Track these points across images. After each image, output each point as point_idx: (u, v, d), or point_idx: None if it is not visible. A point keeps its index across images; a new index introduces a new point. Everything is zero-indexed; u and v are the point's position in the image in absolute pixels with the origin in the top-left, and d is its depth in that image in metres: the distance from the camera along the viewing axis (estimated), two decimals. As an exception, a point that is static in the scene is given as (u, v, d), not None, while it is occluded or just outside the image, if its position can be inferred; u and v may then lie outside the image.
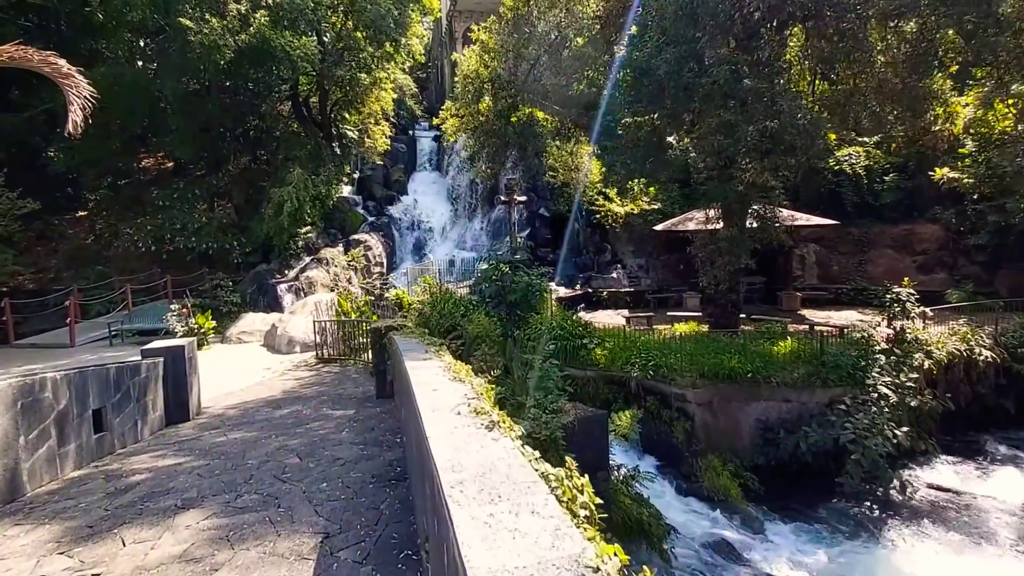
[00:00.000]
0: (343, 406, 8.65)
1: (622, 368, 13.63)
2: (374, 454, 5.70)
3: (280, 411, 8.63)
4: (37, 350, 15.84)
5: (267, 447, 6.38)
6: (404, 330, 8.12)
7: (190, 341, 8.67)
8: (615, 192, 22.66)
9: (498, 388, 8.56)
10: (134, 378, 7.47)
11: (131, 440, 7.32)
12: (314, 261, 21.14)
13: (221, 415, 8.67)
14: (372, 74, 22.42)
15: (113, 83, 19.19)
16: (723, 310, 15.83)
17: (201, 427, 7.98)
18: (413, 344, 5.66)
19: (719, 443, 12.63)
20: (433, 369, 3.43)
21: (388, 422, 7.20)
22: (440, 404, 2.53)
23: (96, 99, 19.20)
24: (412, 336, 6.63)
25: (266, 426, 7.64)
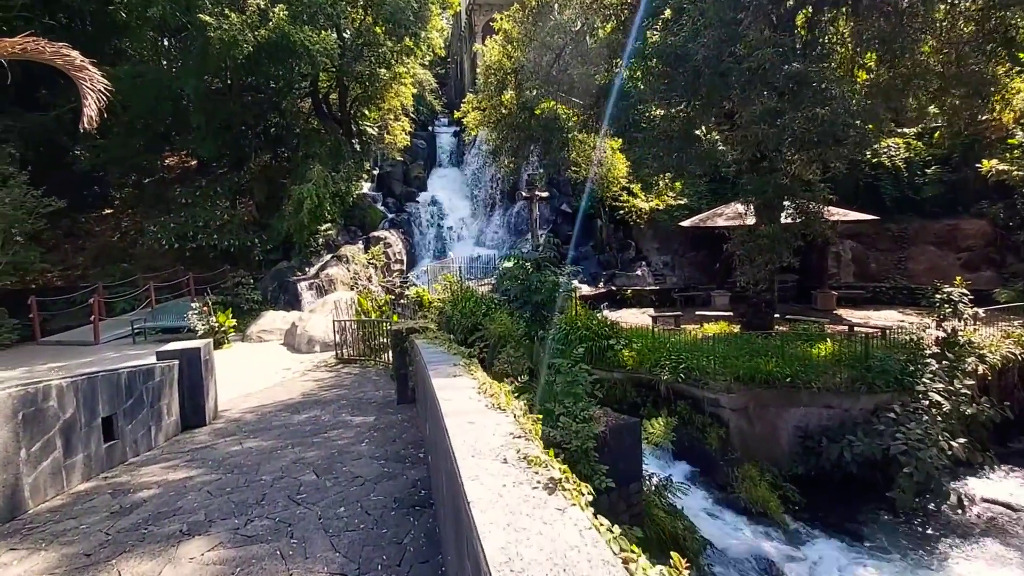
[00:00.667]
0: (363, 412, 8.20)
1: (651, 370, 12.97)
2: (396, 471, 5.19)
3: (298, 416, 8.21)
4: (62, 347, 15.81)
5: (283, 459, 5.94)
6: (426, 333, 7.62)
7: (206, 343, 8.30)
8: (639, 187, 21.90)
9: (526, 395, 8.03)
10: (147, 382, 7.11)
11: (144, 448, 6.96)
12: (334, 258, 20.84)
13: (238, 420, 8.29)
14: (392, 69, 21.99)
15: (136, 82, 19.10)
16: (756, 310, 15.04)
17: (217, 433, 7.60)
18: (438, 353, 5.14)
19: (755, 451, 11.91)
20: (465, 391, 2.93)
21: (410, 432, 6.70)
22: (480, 446, 2.00)
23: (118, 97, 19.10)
24: (436, 342, 6.13)
25: (283, 434, 7.21)
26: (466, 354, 5.32)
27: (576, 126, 13.99)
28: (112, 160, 20.77)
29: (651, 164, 11.04)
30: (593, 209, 22.73)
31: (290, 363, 12.86)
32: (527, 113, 12.72)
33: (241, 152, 22.98)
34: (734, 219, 18.50)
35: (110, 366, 13.31)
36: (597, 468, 7.77)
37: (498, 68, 13.31)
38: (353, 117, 24.44)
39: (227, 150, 22.66)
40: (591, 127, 13.68)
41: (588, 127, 13.54)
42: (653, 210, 21.33)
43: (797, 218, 12.07)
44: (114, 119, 21.42)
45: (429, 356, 4.93)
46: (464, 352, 5.37)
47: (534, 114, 12.66)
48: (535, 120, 13.08)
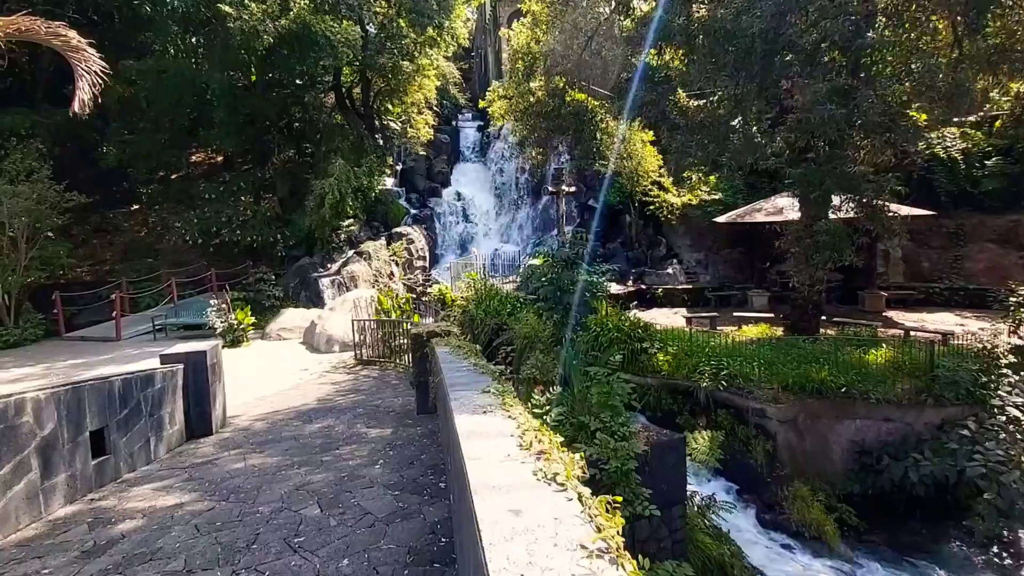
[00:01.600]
0: (379, 422, 7.40)
1: (689, 376, 11.89)
2: (412, 508, 4.34)
3: (310, 426, 7.46)
4: (85, 343, 15.52)
5: (286, 484, 5.15)
6: (448, 339, 6.75)
7: (212, 346, 7.61)
8: (670, 182, 20.68)
9: (558, 409, 7.10)
10: (146, 390, 6.42)
11: (143, 461, 6.27)
12: (356, 255, 20.21)
13: (247, 429, 7.58)
14: (415, 61, 21.22)
15: (160, 76, 18.74)
16: (802, 312, 13.80)
17: (222, 445, 6.88)
18: (464, 371, 4.23)
19: (806, 467, 10.75)
20: (502, 443, 2.08)
21: (430, 451, 5.84)
22: (537, 561, 1.15)
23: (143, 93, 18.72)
24: (460, 353, 5.26)
25: (291, 448, 6.45)
26: (496, 374, 4.42)
27: (607, 115, 12.91)
28: (138, 156, 20.50)
29: (694, 153, 9.96)
30: (622, 204, 21.60)
31: (308, 363, 12.20)
32: (557, 100, 11.72)
33: (265, 147, 22.55)
34: (774, 214, 17.21)
35: (126, 364, 12.91)
36: (639, 492, 6.81)
37: (526, 53, 12.35)
38: (376, 111, 23.79)
39: (251, 145, 22.25)
40: (621, 115, 12.60)
41: (617, 115, 12.45)
42: (685, 205, 20.10)
43: (850, 212, 10.85)
44: (139, 115, 21.22)
45: (452, 375, 4.05)
46: (494, 371, 4.46)
47: (564, 101, 11.66)
48: (565, 107, 12.09)
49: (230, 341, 13.68)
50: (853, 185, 8.90)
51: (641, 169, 19.77)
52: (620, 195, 21.30)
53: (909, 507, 10.02)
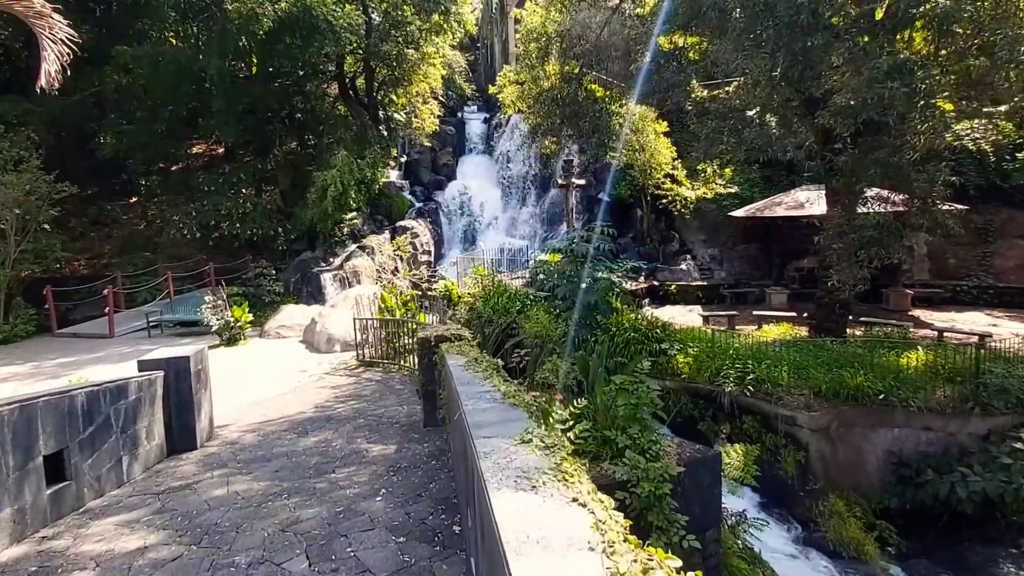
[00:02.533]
0: (382, 437, 6.54)
1: (711, 380, 11.00)
2: (420, 564, 3.48)
3: (305, 440, 6.61)
4: (77, 340, 14.72)
5: (271, 520, 4.31)
6: (460, 345, 5.88)
7: (197, 351, 6.75)
8: (683, 174, 19.71)
9: (583, 425, 6.24)
10: (118, 402, 5.57)
11: (113, 484, 5.43)
12: (359, 249, 19.34)
13: (235, 442, 6.73)
14: (420, 49, 20.22)
15: (157, 63, 17.82)
16: (828, 311, 12.89)
17: (206, 463, 6.04)
18: (487, 402, 3.23)
19: (839, 479, 9.87)
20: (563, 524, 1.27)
21: (440, 479, 4.99)
22: None
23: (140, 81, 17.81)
24: (477, 370, 4.36)
25: (282, 469, 5.61)
26: (531, 406, 3.51)
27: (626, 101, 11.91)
28: (135, 146, 19.60)
29: (726, 140, 9.00)
30: (633, 198, 20.64)
31: (307, 364, 11.35)
32: (574, 84, 10.76)
33: (266, 138, 21.63)
34: (795, 208, 16.27)
35: (117, 363, 12.07)
36: (673, 518, 5.94)
37: (540, 35, 11.42)
38: (380, 102, 22.82)
39: (251, 136, 21.33)
40: (641, 101, 11.61)
41: (640, 100, 11.46)
42: (699, 199, 19.14)
43: (877, 206, 9.91)
44: (136, 103, 20.31)
45: (473, 407, 3.12)
46: (527, 402, 3.55)
47: (581, 84, 10.72)
48: (583, 92, 11.13)
49: (226, 339, 12.86)
50: (902, 176, 7.97)
51: (654, 161, 18.81)
52: (631, 188, 20.34)
53: (952, 522, 9.16)
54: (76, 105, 19.40)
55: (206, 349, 7.05)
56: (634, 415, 6.68)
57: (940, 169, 7.95)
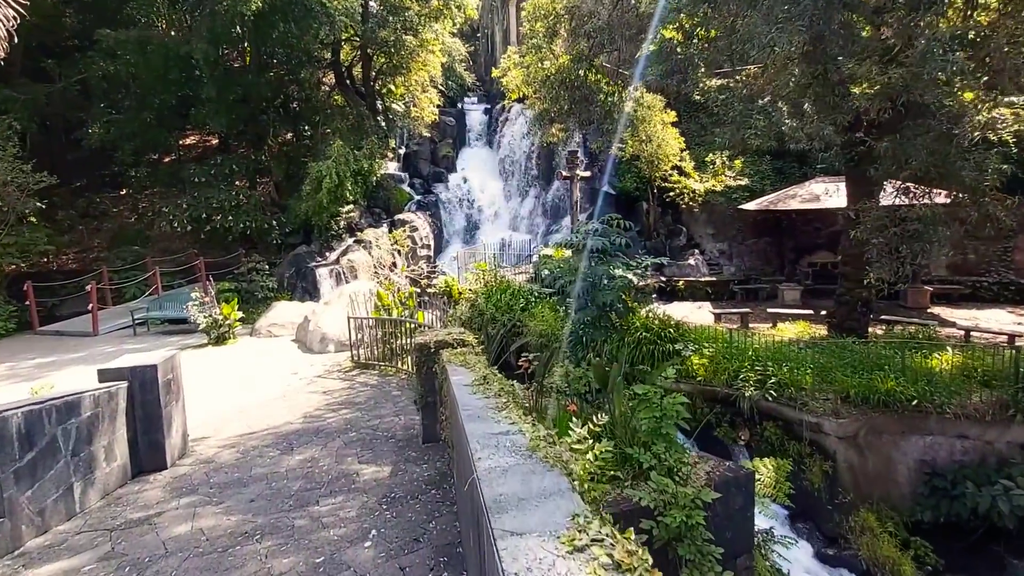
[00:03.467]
0: (376, 455, 5.73)
1: (729, 383, 10.21)
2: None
3: (289, 459, 5.80)
4: (60, 338, 13.86)
5: (237, 574, 3.48)
6: (465, 356, 5.06)
7: (166, 358, 5.91)
8: (691, 166, 18.85)
9: (606, 444, 5.43)
10: (67, 421, 4.74)
11: (60, 517, 4.62)
12: (356, 243, 18.47)
13: (211, 461, 5.92)
14: (419, 35, 19.23)
15: (143, 49, 16.84)
16: (849, 309, 12.11)
17: (174, 487, 5.23)
18: (506, 453, 2.31)
19: (868, 490, 9.10)
20: None
21: (441, 515, 4.18)
22: None
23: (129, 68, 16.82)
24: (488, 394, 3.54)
25: (259, 497, 4.80)
26: (565, 462, 2.64)
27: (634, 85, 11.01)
28: (123, 136, 18.64)
29: (754, 124, 8.12)
30: (639, 191, 19.79)
31: (299, 366, 10.53)
32: (584, 65, 9.84)
33: (260, 129, 20.67)
34: (810, 201, 15.43)
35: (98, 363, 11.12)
36: (707, 550, 5.16)
37: (548, 12, 10.51)
38: (378, 92, 21.84)
39: (244, 126, 20.37)
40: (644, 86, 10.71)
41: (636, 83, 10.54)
42: (708, 191, 18.28)
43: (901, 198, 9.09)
44: (124, 91, 19.33)
45: (484, 454, 2.31)
46: (560, 456, 2.69)
47: (592, 66, 9.81)
48: (594, 73, 10.21)
49: (214, 338, 12.03)
50: (948, 163, 7.14)
51: (661, 152, 17.93)
52: (637, 181, 19.49)
53: (989, 537, 8.43)
54: (61, 93, 18.41)
55: (178, 355, 6.22)
56: (658, 430, 5.89)
57: (990, 157, 7.13)
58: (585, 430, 5.35)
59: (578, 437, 5.29)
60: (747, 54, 7.43)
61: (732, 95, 8.61)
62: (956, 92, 6.17)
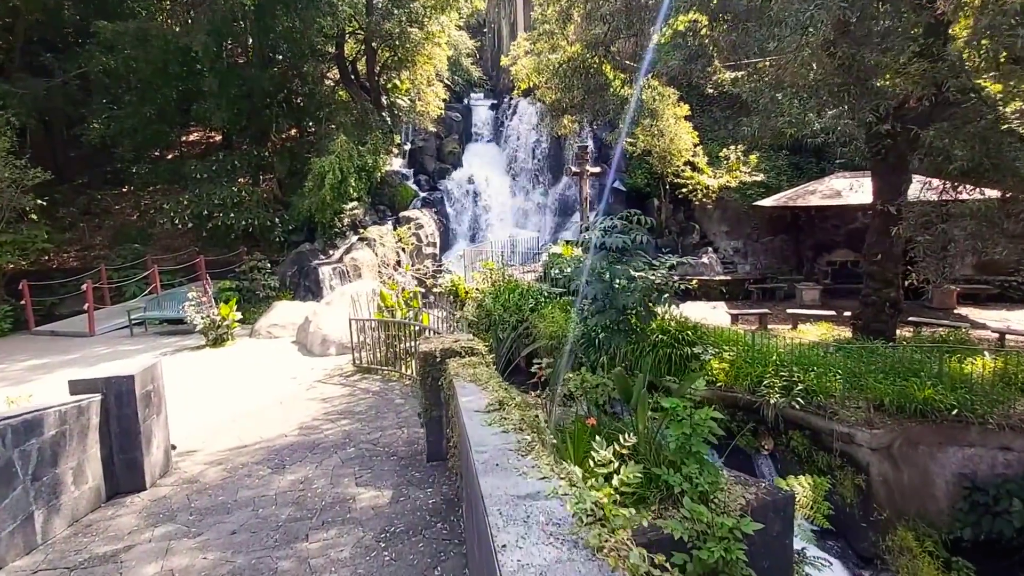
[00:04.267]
0: (376, 476, 5.13)
1: (752, 389, 9.54)
2: None
3: (280, 479, 5.21)
4: (55, 339, 13.38)
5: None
6: (475, 369, 4.44)
7: (145, 368, 5.33)
8: (704, 162, 18.11)
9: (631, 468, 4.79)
10: (26, 442, 4.17)
11: (18, 551, 4.05)
12: (360, 241, 17.88)
13: (195, 481, 5.33)
14: (424, 28, 18.57)
15: (142, 40, 16.29)
16: (877, 310, 11.40)
17: (150, 513, 4.65)
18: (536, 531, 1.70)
19: (904, 505, 8.42)
20: None
21: (449, 558, 3.56)
22: None
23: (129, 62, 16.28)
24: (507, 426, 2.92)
25: (243, 528, 4.22)
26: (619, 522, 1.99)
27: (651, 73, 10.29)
28: (123, 132, 18.12)
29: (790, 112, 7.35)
30: (649, 187, 19.09)
31: (298, 370, 9.96)
32: (600, 52, 9.13)
33: (263, 124, 20.11)
34: (831, 197, 14.69)
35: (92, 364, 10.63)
36: (748, 587, 4.55)
37: (559, -5, 9.86)
38: (382, 86, 21.22)
39: (247, 122, 19.81)
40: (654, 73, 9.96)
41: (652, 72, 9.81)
42: (722, 188, 17.54)
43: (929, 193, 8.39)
44: (124, 86, 18.81)
45: (509, 530, 1.65)
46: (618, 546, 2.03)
47: (608, 52, 9.13)
48: (609, 61, 9.52)
49: (212, 340, 11.49)
50: (1001, 153, 6.45)
51: (673, 147, 17.23)
52: (648, 177, 18.80)
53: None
54: (61, 88, 17.90)
55: (159, 364, 5.63)
56: (686, 447, 5.26)
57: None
58: (610, 451, 4.72)
59: (602, 459, 4.65)
60: (780, 36, 6.74)
61: (761, 81, 7.91)
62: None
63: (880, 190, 11.74)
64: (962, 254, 6.84)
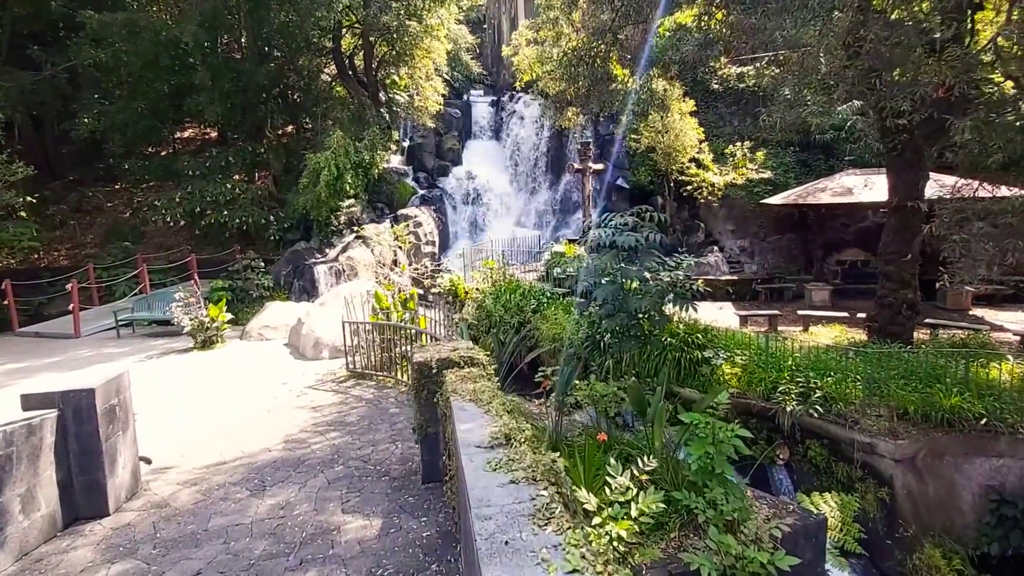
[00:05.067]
0: (365, 501, 4.58)
1: (767, 396, 9.00)
2: None
3: (259, 503, 4.66)
4: (39, 340, 12.79)
5: None
6: (476, 383, 3.89)
7: (109, 379, 4.77)
8: (710, 158, 17.55)
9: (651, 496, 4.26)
10: (-37, 468, 3.59)
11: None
12: (357, 239, 17.31)
13: (165, 505, 4.78)
14: (423, 21, 17.97)
15: (131, 31, 15.68)
16: (892, 312, 10.87)
17: (109, 546, 4.10)
18: None
19: (929, 520, 7.89)
20: None
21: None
22: None
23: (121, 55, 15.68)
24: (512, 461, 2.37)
25: (212, 568, 3.66)
26: None
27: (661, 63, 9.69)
28: (114, 126, 17.50)
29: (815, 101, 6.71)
30: (653, 185, 18.54)
31: (289, 374, 9.39)
32: (608, 39, 8.49)
33: (258, 120, 19.49)
34: (842, 195, 14.13)
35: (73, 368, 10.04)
36: (782, 629, 4.05)
37: (569, -24, 9.25)
38: (380, 82, 20.61)
39: (242, 116, 19.20)
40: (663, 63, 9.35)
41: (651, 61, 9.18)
42: (728, 185, 16.98)
43: None
44: (114, 79, 18.19)
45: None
46: None
47: (616, 39, 8.52)
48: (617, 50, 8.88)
49: (200, 342, 10.92)
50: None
51: (678, 144, 16.68)
52: (652, 174, 18.25)
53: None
54: (49, 82, 17.27)
55: (127, 374, 5.07)
56: (709, 467, 4.71)
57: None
58: (626, 479, 4.16)
59: (620, 486, 4.11)
60: (804, 19, 6.18)
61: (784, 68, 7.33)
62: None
63: (896, 187, 11.20)
64: (1002, 253, 6.27)
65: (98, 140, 18.54)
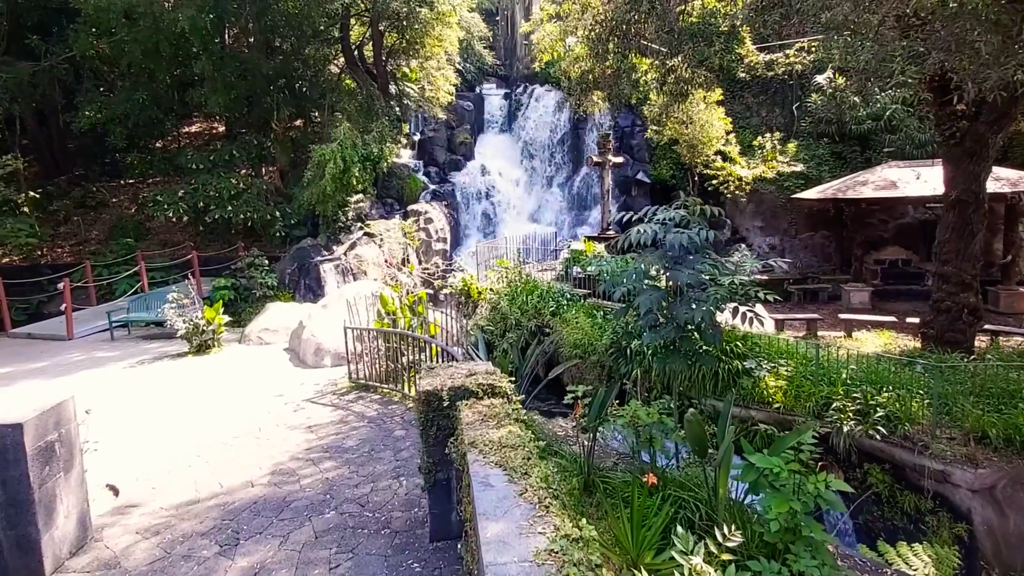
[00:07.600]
0: (358, 567, 3.61)
1: (818, 413, 7.88)
2: None
3: (229, 563, 3.72)
4: (30, 342, 11.99)
5: None
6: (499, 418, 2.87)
7: (44, 411, 3.81)
8: (737, 151, 16.32)
9: None
10: None
11: None
12: (365, 236, 16.36)
13: (114, 565, 3.84)
14: (434, 7, 16.89)
15: (128, 17, 14.80)
16: (951, 318, 9.68)
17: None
18: None
19: (1010, 559, 6.78)
20: None
21: None
22: None
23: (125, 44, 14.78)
24: None
25: None
26: None
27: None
28: (116, 118, 16.69)
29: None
30: (675, 179, 17.36)
31: (286, 385, 8.45)
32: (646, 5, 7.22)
33: (264, 112, 18.59)
34: (885, 188, 12.86)
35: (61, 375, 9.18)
36: None
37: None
38: (390, 73, 19.58)
39: (247, 108, 18.31)
40: None
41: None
42: (757, 179, 15.74)
43: None
44: (115, 69, 17.37)
45: None
46: None
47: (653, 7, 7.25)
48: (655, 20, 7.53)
49: (195, 347, 10.03)
50: None
51: (704, 135, 15.47)
52: (675, 167, 17.07)
53: None
54: (49, 73, 16.48)
55: (71, 401, 4.11)
56: (797, 527, 3.64)
57: None
58: (702, 554, 3.09)
59: (692, 569, 3.04)
60: None
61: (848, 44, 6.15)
62: None
63: (954, 180, 9.99)
64: None
65: (100, 133, 17.77)
